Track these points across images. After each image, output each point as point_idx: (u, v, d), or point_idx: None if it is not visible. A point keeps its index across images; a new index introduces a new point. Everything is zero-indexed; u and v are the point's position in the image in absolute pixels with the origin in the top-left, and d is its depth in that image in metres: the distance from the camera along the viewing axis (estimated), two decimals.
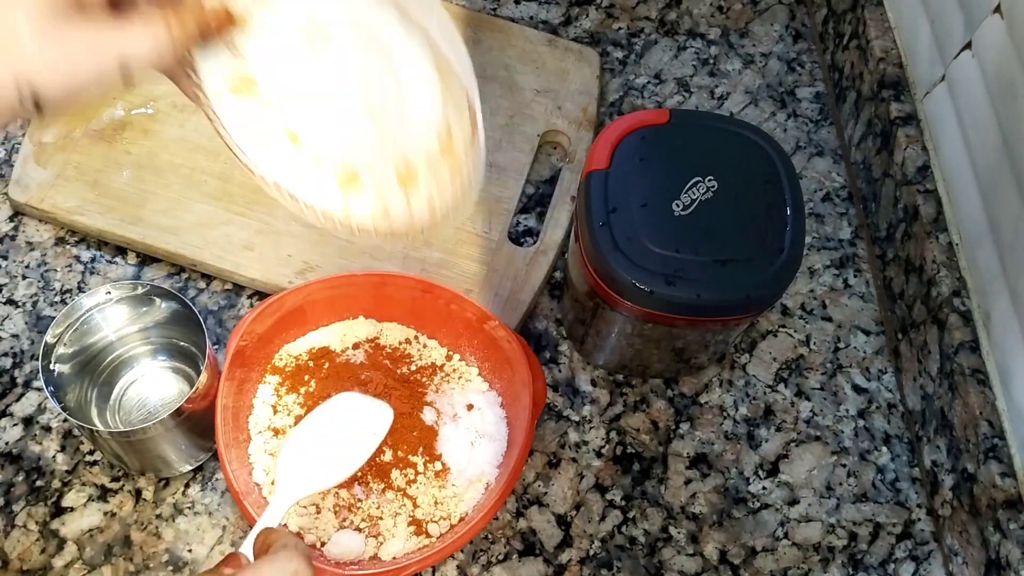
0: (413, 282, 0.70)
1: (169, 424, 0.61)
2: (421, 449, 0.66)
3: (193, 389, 0.61)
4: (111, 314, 0.66)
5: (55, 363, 0.63)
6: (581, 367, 0.74)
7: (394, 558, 0.63)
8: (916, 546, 0.70)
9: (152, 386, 0.70)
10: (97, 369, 0.68)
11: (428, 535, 0.64)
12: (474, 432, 0.68)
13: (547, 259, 0.76)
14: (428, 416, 0.68)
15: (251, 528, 0.56)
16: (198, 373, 0.63)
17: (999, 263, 0.66)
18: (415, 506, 0.65)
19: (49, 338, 0.62)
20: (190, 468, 0.67)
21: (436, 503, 0.65)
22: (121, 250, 0.76)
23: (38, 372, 0.63)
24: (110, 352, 0.68)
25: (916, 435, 0.73)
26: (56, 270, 0.75)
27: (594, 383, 0.74)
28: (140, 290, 0.65)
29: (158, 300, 0.66)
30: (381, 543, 0.63)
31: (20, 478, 0.67)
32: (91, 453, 0.68)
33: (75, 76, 0.44)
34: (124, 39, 0.45)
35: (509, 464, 0.66)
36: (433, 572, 0.67)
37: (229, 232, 0.75)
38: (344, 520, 0.64)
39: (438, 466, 0.66)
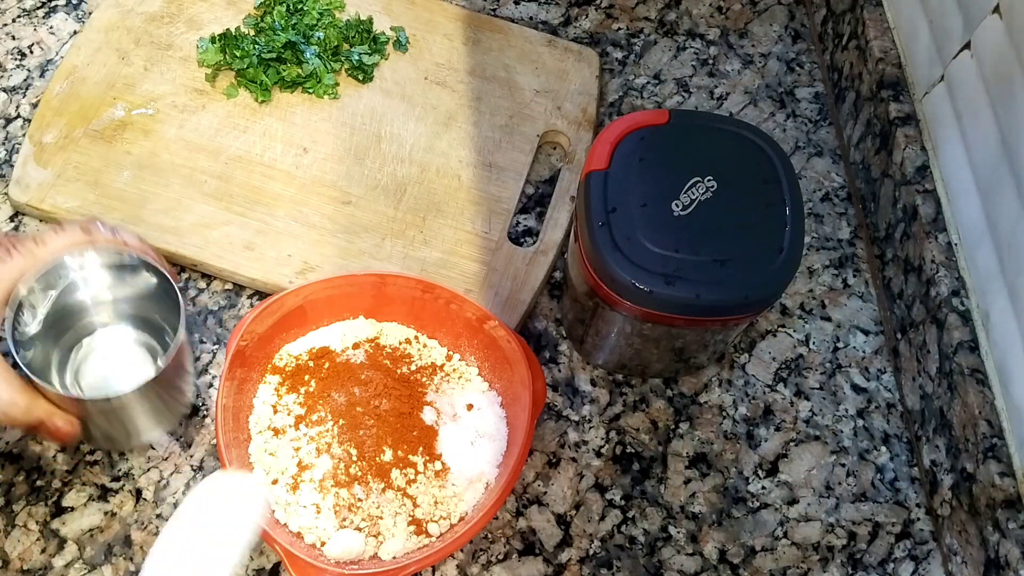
0: (413, 282, 0.70)
1: (137, 396, 0.59)
2: (421, 449, 0.66)
3: (167, 354, 0.59)
4: (91, 279, 0.64)
5: (25, 322, 0.61)
6: (581, 367, 0.74)
7: (394, 557, 0.63)
8: (915, 545, 0.70)
9: (117, 357, 0.68)
10: (64, 333, 0.66)
11: (428, 535, 0.64)
12: (474, 432, 0.68)
13: (547, 259, 0.76)
14: (428, 416, 0.68)
15: None
16: (165, 349, 0.61)
17: (998, 263, 0.66)
18: (415, 506, 0.65)
19: (23, 290, 0.60)
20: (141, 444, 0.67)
21: (436, 503, 0.65)
22: None
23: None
24: (81, 317, 0.66)
25: (915, 435, 0.73)
26: None
27: (594, 383, 0.74)
28: (125, 259, 0.63)
29: (140, 270, 0.64)
30: (381, 543, 0.64)
31: (20, 478, 0.67)
32: (91, 453, 0.68)
33: None
34: None
35: (509, 464, 0.66)
36: (433, 572, 0.67)
37: (229, 232, 0.75)
38: (344, 520, 0.64)
39: (438, 466, 0.66)
